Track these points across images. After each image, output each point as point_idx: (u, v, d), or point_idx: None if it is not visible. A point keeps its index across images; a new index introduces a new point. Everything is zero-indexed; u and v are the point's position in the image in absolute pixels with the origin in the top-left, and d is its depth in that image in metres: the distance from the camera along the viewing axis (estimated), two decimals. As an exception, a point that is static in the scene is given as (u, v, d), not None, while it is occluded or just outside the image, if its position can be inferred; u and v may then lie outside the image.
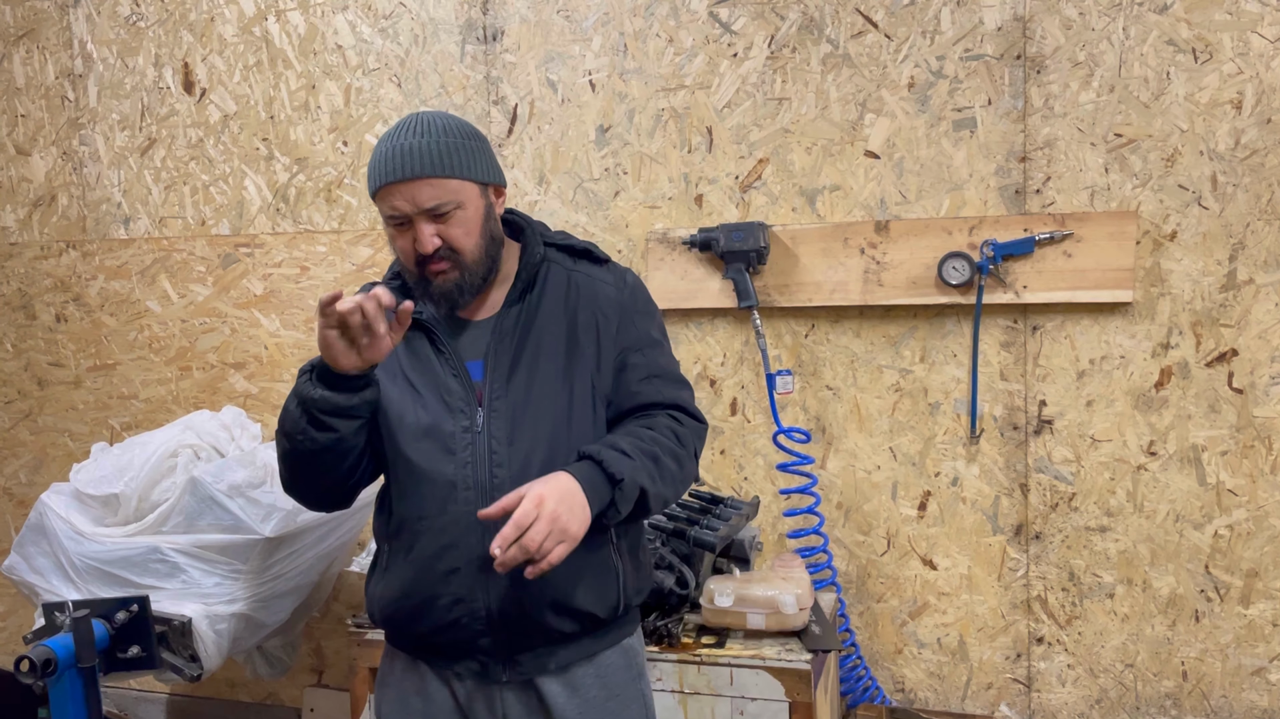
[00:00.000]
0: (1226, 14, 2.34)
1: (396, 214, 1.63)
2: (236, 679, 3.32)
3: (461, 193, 1.64)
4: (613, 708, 1.76)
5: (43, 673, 2.04)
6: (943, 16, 2.52)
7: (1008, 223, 2.49)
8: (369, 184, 1.67)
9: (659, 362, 1.78)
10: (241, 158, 3.15)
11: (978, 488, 2.62)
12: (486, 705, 1.73)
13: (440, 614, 1.67)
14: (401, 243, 1.66)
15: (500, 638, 1.68)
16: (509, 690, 1.72)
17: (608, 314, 1.74)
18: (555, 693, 1.72)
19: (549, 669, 1.71)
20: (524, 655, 1.70)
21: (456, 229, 1.64)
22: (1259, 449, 2.43)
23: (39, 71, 3.34)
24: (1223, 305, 2.42)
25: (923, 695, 2.72)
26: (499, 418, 1.66)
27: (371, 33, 2.98)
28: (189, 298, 3.23)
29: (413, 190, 1.60)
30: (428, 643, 1.73)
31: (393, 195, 1.61)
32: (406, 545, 1.70)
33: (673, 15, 2.72)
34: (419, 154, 1.60)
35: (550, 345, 1.71)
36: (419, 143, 1.61)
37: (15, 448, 3.50)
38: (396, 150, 1.61)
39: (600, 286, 1.76)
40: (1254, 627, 2.47)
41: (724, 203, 2.73)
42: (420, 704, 1.77)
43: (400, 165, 1.60)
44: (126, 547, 2.46)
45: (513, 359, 1.70)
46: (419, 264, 1.66)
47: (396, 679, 1.81)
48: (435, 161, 1.61)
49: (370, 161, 1.66)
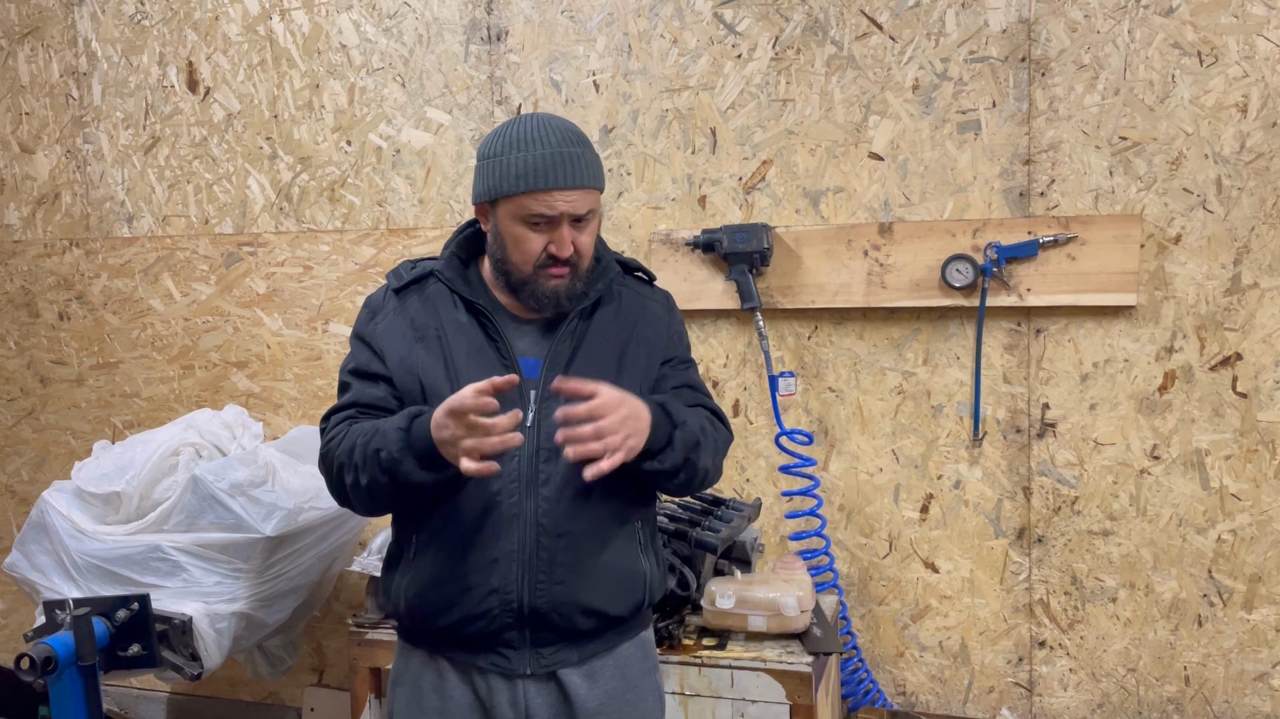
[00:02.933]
0: (1232, 17, 2.34)
1: (549, 214, 1.67)
2: (237, 678, 3.32)
3: (599, 203, 1.75)
4: (630, 699, 1.81)
5: (43, 671, 2.04)
6: (947, 18, 2.52)
7: (1011, 225, 2.48)
8: (515, 184, 1.67)
9: (693, 378, 1.88)
10: (245, 156, 3.15)
11: (980, 491, 2.61)
12: (509, 698, 1.76)
13: (473, 604, 1.70)
14: (533, 243, 1.69)
15: (526, 630, 1.72)
16: (531, 683, 1.75)
17: (658, 331, 1.84)
18: (576, 684, 1.76)
19: (571, 662, 1.76)
20: (547, 648, 1.74)
21: (586, 237, 1.72)
22: (1263, 453, 2.42)
23: (43, 69, 3.34)
24: (1227, 309, 2.41)
25: (924, 699, 2.71)
26: (549, 416, 1.69)
27: (376, 32, 2.98)
28: (192, 296, 3.23)
29: (575, 197, 1.68)
30: (452, 635, 1.75)
31: (554, 199, 1.67)
32: (442, 535, 1.72)
33: (677, 16, 2.71)
34: (585, 164, 1.69)
35: (604, 353, 1.77)
36: (580, 153, 1.69)
37: (17, 445, 3.50)
38: (564, 157, 1.67)
39: (650, 304, 1.87)
40: (1257, 632, 2.46)
41: (727, 204, 2.72)
42: (437, 701, 1.79)
43: (569, 173, 1.67)
44: (128, 545, 2.46)
45: (569, 361, 1.75)
46: (540, 265, 1.70)
47: (412, 677, 1.82)
48: (594, 173, 1.71)
49: (514, 162, 1.67)
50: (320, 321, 3.11)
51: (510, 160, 1.68)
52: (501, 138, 1.71)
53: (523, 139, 1.68)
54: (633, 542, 1.78)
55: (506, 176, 1.68)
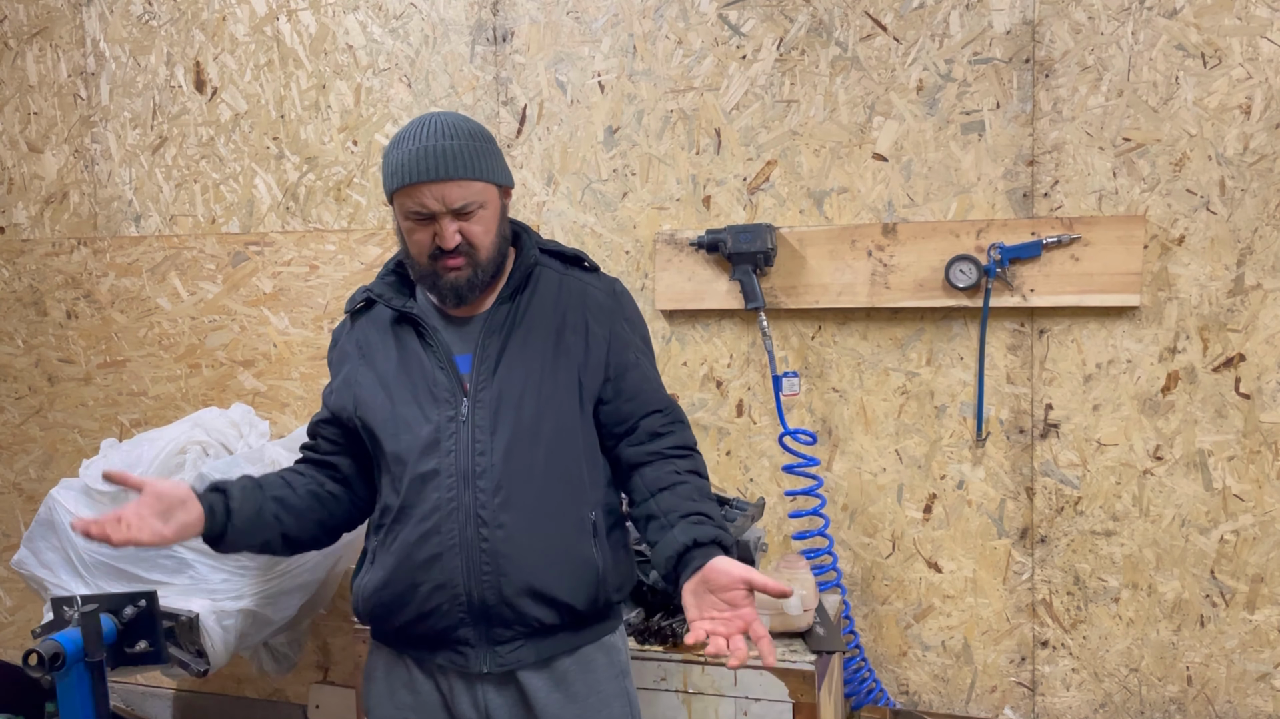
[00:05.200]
0: (1236, 19, 2.34)
1: (423, 211, 1.68)
2: (243, 675, 3.33)
3: (484, 194, 1.71)
4: (594, 704, 1.78)
5: (51, 667, 2.05)
6: (951, 20, 2.53)
7: (1015, 226, 2.49)
8: (390, 181, 1.71)
9: (648, 371, 1.86)
10: (252, 156, 3.16)
11: (983, 491, 2.62)
12: (469, 699, 1.75)
13: (421, 601, 1.71)
14: (419, 237, 1.71)
15: (480, 626, 1.71)
16: (490, 684, 1.74)
17: (598, 317, 1.81)
18: (537, 687, 1.74)
19: (530, 662, 1.74)
20: (503, 646, 1.72)
21: (477, 227, 1.71)
22: (1265, 454, 2.42)
23: (51, 69, 3.36)
24: (1230, 310, 2.41)
25: (927, 698, 2.72)
26: (483, 408, 1.71)
27: (382, 33, 2.99)
28: (199, 295, 3.25)
29: (443, 190, 1.67)
30: (409, 633, 1.76)
31: (421, 194, 1.67)
32: (391, 536, 1.74)
33: (682, 17, 2.72)
34: (450, 156, 1.67)
35: (537, 342, 1.77)
36: (449, 145, 1.67)
37: (25, 443, 3.52)
38: (427, 151, 1.67)
39: (591, 291, 1.84)
40: (1259, 632, 2.46)
41: (732, 204, 2.73)
42: (409, 698, 1.80)
43: (433, 165, 1.66)
44: (135, 542, 2.47)
45: (499, 352, 1.75)
46: (433, 258, 1.71)
47: (382, 674, 1.83)
48: (465, 163, 1.68)
49: (391, 160, 1.71)
50: (326, 321, 3.12)
51: (390, 159, 1.71)
52: (395, 137, 1.74)
53: (401, 136, 1.71)
54: (583, 532, 1.75)
55: (386, 174, 1.72)
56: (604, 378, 1.80)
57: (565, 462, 1.74)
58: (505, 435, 1.71)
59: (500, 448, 1.70)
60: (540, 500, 1.72)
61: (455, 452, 1.70)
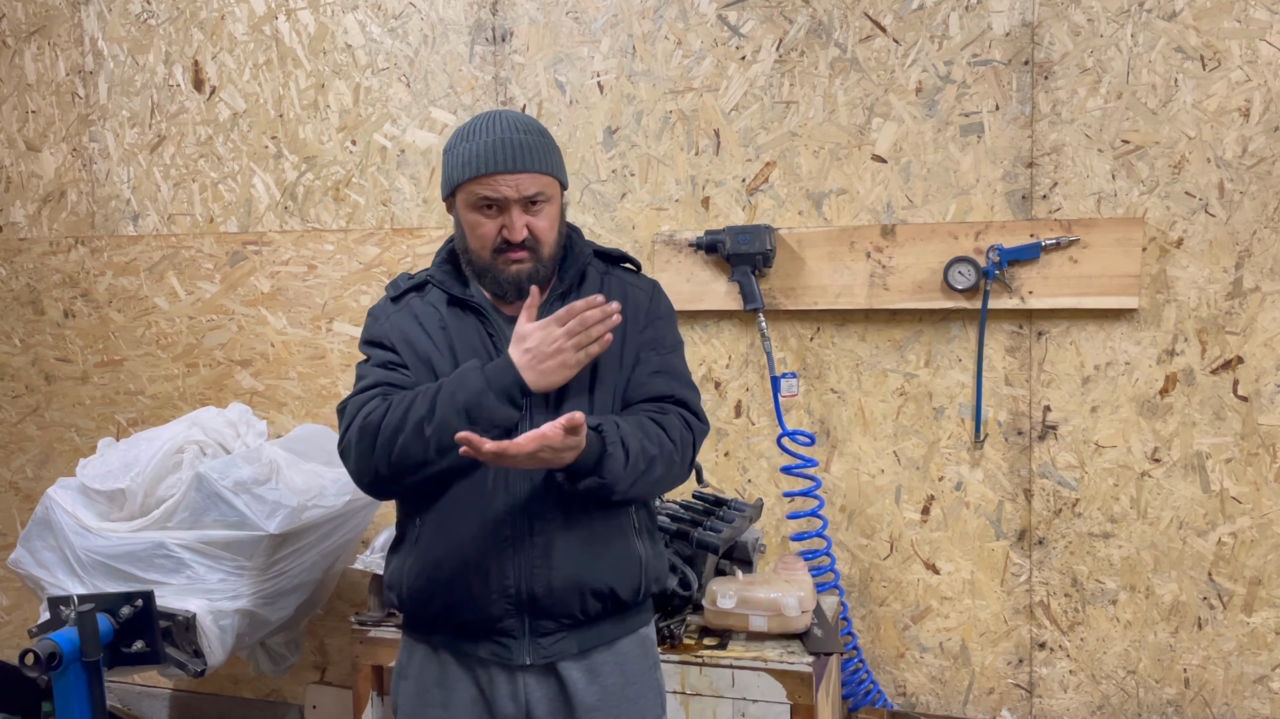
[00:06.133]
0: (1235, 21, 2.34)
1: (495, 199, 1.72)
2: (240, 675, 3.33)
3: (552, 188, 1.77)
4: (630, 695, 1.81)
5: (47, 666, 2.05)
6: (951, 22, 2.53)
7: (1014, 228, 2.49)
8: (460, 172, 1.74)
9: (671, 362, 1.87)
10: (250, 156, 3.16)
11: (981, 493, 2.62)
12: (509, 691, 1.77)
13: (470, 589, 1.73)
14: (485, 230, 1.75)
15: (525, 618, 1.74)
16: (530, 675, 1.77)
17: (636, 316, 1.85)
18: (576, 679, 1.77)
19: (570, 653, 1.77)
20: (547, 638, 1.75)
21: (543, 222, 1.76)
22: (1263, 457, 2.42)
23: (50, 68, 3.35)
24: (1228, 313, 2.42)
25: (924, 699, 2.72)
26: (537, 404, 1.74)
27: (381, 32, 2.99)
28: (196, 295, 3.25)
29: (517, 180, 1.72)
30: (452, 621, 1.77)
31: (496, 183, 1.72)
32: (440, 521, 1.75)
33: (681, 18, 2.72)
34: (526, 148, 1.73)
35: None
36: (524, 138, 1.74)
37: (22, 442, 3.51)
38: (503, 143, 1.72)
39: (632, 290, 1.88)
40: (1257, 634, 2.46)
41: (730, 205, 2.73)
42: (440, 695, 1.81)
43: (509, 156, 1.72)
44: (132, 542, 2.47)
45: None
46: (496, 251, 1.75)
47: (416, 670, 1.84)
48: (539, 157, 1.74)
49: (461, 152, 1.75)
50: (324, 320, 3.12)
51: (460, 150, 1.75)
52: (458, 133, 1.78)
53: (472, 130, 1.76)
54: (627, 527, 1.80)
55: (456, 166, 1.75)
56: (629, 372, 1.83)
57: None
58: None
59: None
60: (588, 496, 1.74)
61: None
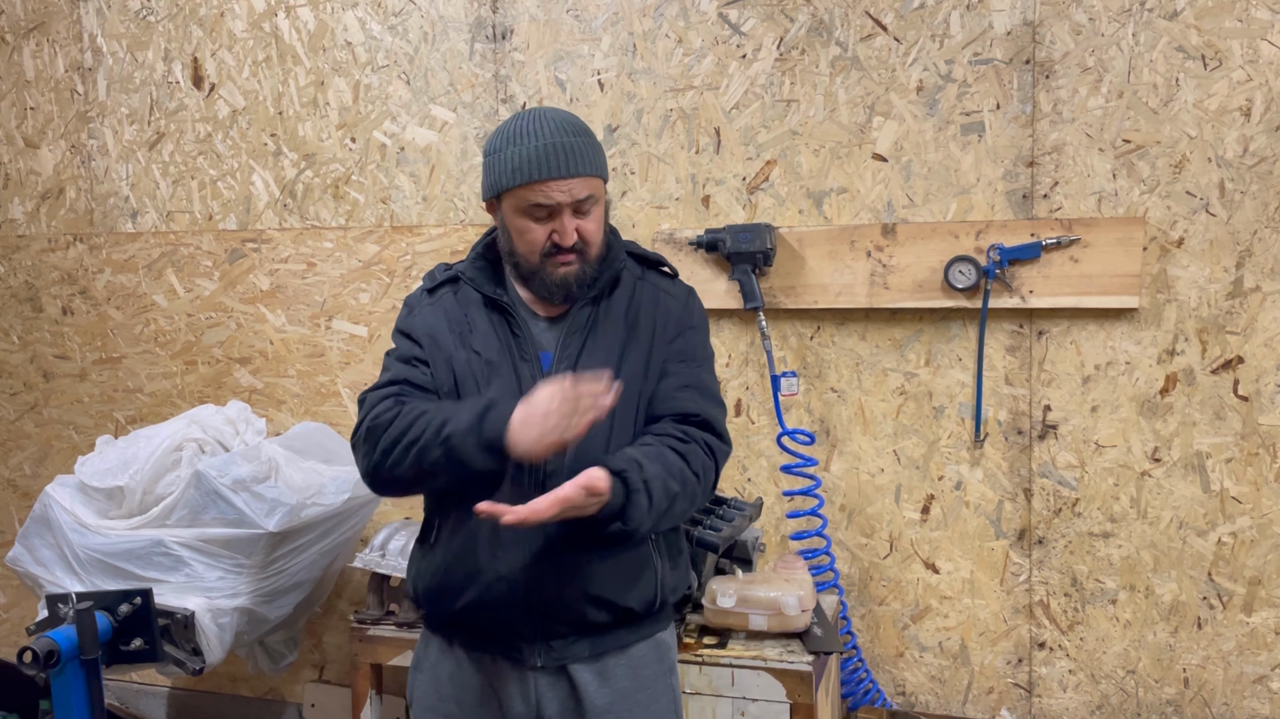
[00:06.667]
0: (1236, 21, 2.34)
1: (548, 204, 1.71)
2: (238, 674, 3.32)
3: (600, 189, 1.78)
4: (642, 699, 1.80)
5: (46, 664, 2.04)
6: (952, 20, 2.52)
7: (1015, 227, 2.49)
8: (511, 178, 1.72)
9: (700, 376, 1.85)
10: (249, 153, 3.15)
11: (981, 492, 2.62)
12: (519, 690, 1.77)
13: (483, 590, 1.72)
14: (535, 235, 1.74)
15: (536, 623, 1.74)
16: (542, 676, 1.77)
17: (666, 325, 1.83)
18: (587, 681, 1.77)
19: (582, 657, 1.76)
20: (559, 641, 1.75)
21: (591, 224, 1.76)
22: (1263, 457, 2.42)
23: (48, 65, 3.34)
24: (1229, 312, 2.41)
25: (923, 699, 2.72)
26: None
27: (381, 30, 2.99)
28: (195, 292, 3.24)
29: (570, 185, 1.71)
30: (465, 621, 1.77)
31: (550, 189, 1.71)
32: (458, 520, 1.75)
33: (682, 16, 2.72)
34: (578, 152, 1.72)
35: (610, 345, 1.79)
36: (575, 141, 1.72)
37: (20, 439, 3.50)
38: (555, 147, 1.71)
39: (665, 298, 1.86)
40: (1256, 634, 2.46)
41: (731, 204, 2.73)
42: (452, 690, 1.81)
43: (562, 162, 1.70)
44: (130, 539, 2.46)
45: (577, 354, 1.77)
46: (545, 255, 1.74)
47: (431, 664, 1.85)
48: (590, 160, 1.74)
49: (510, 157, 1.72)
50: (323, 318, 3.11)
51: (507, 155, 1.73)
52: (501, 134, 1.76)
53: (519, 133, 1.73)
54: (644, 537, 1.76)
55: (504, 171, 1.73)
56: (656, 382, 1.81)
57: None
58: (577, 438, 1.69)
59: (572, 450, 1.68)
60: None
61: None
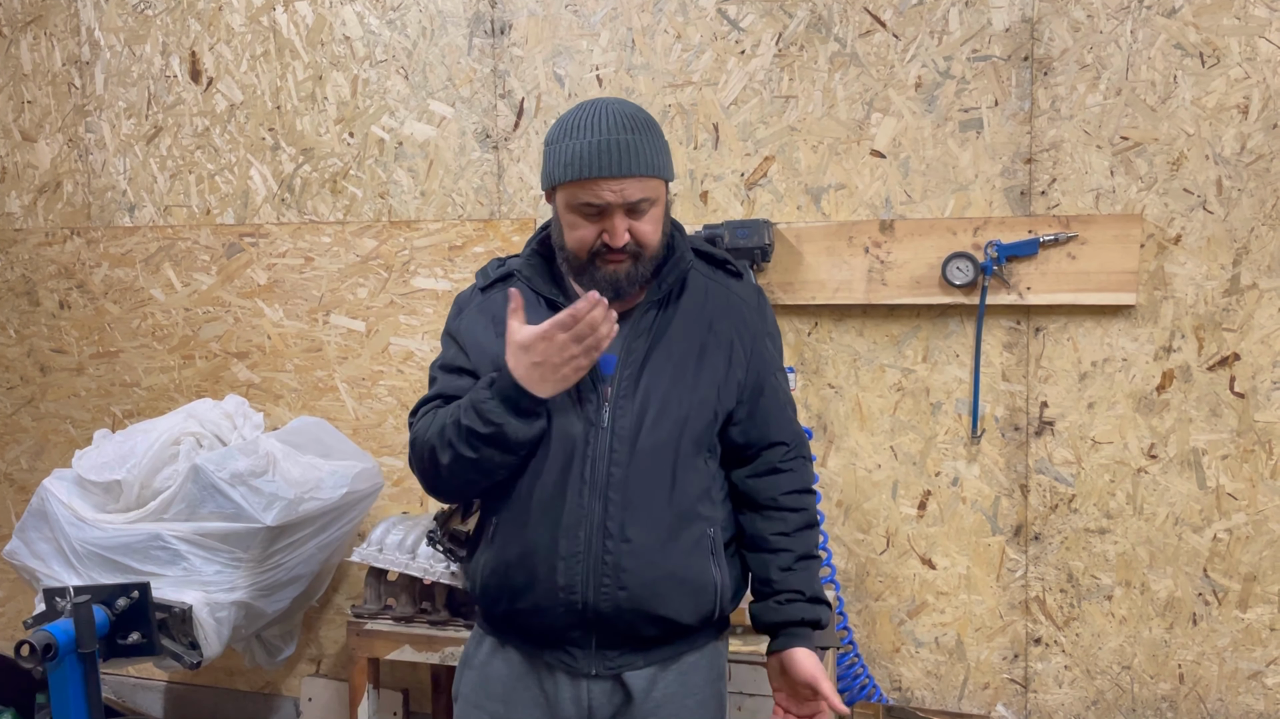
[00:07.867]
0: (1235, 19, 2.35)
1: (598, 204, 1.62)
2: (235, 668, 3.32)
3: (659, 190, 1.66)
4: (690, 705, 1.76)
5: (43, 658, 2.05)
6: (951, 17, 2.53)
7: (1012, 224, 2.49)
8: (563, 172, 1.63)
9: (786, 391, 1.83)
10: (247, 147, 3.15)
11: (978, 488, 2.62)
12: (572, 694, 1.73)
13: (540, 598, 1.67)
14: (584, 233, 1.65)
15: (591, 632, 1.69)
16: (595, 682, 1.73)
17: (742, 333, 1.76)
18: (640, 688, 1.73)
19: (637, 665, 1.72)
20: (612, 651, 1.71)
21: (647, 225, 1.65)
22: (1259, 454, 2.43)
23: (46, 58, 3.34)
24: (1226, 310, 2.42)
25: (920, 694, 2.72)
26: (624, 417, 1.67)
27: (379, 24, 2.98)
28: (193, 286, 3.24)
29: (622, 186, 1.61)
30: (521, 623, 1.73)
31: (600, 188, 1.61)
32: (513, 523, 1.70)
33: (681, 11, 2.72)
34: (634, 151, 1.61)
35: (681, 352, 1.72)
36: (632, 139, 1.62)
37: (17, 433, 3.50)
38: (610, 144, 1.61)
39: (737, 302, 1.79)
40: (1251, 631, 2.47)
41: (729, 200, 2.73)
42: (501, 689, 1.77)
43: (615, 160, 1.60)
44: (128, 533, 2.46)
45: (644, 359, 1.70)
46: (594, 254, 1.66)
47: (481, 662, 1.80)
48: (647, 160, 1.62)
49: (565, 150, 1.63)
50: (321, 313, 3.11)
51: (562, 148, 1.63)
52: (562, 124, 1.66)
53: (577, 125, 1.63)
54: (703, 550, 1.71)
55: (558, 164, 1.64)
56: (738, 399, 1.75)
57: (694, 479, 1.70)
58: (642, 448, 1.66)
59: (635, 461, 1.65)
60: (666, 517, 1.67)
61: (592, 459, 1.66)
